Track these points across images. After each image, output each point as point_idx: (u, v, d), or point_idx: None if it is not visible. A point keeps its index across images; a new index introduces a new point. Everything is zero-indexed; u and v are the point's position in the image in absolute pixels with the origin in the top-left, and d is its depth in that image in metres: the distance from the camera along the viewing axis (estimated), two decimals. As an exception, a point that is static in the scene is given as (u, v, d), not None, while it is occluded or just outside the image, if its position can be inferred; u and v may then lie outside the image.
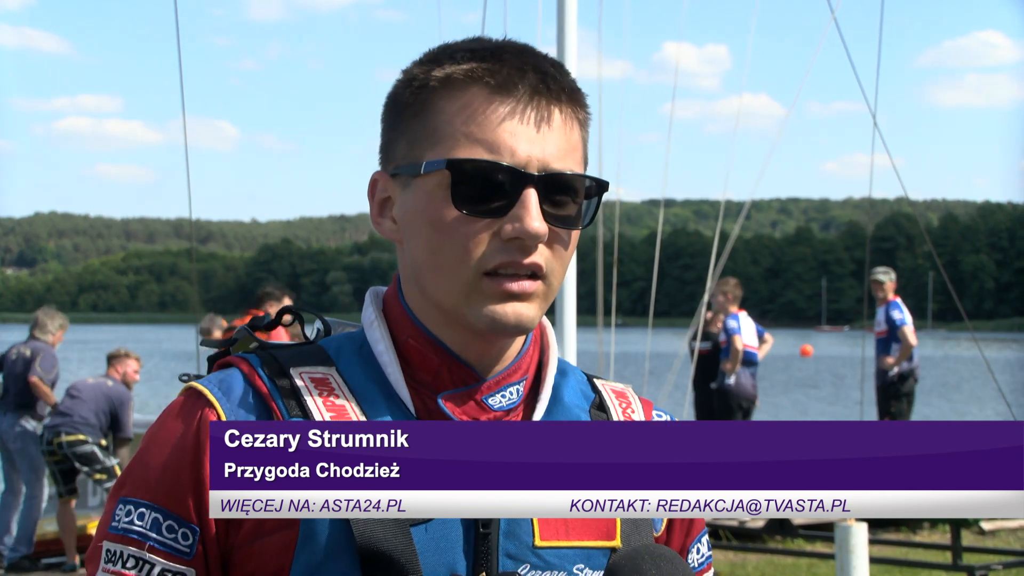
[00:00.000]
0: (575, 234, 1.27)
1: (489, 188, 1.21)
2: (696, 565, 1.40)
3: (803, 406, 27.94)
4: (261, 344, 1.35)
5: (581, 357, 7.36)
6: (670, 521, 1.37)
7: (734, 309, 11.14)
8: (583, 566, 1.26)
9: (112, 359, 9.74)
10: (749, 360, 11.00)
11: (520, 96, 1.23)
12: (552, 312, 6.89)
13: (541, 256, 1.23)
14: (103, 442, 9.19)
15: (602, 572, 1.25)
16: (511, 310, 1.23)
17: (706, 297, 10.25)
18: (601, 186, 1.27)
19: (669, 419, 1.40)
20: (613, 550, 1.27)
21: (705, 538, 1.42)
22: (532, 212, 1.21)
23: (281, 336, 7.74)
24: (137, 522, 1.23)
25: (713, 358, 11.42)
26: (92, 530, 9.29)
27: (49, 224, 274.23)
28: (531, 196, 1.21)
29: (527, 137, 1.22)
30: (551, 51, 6.44)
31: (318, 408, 1.23)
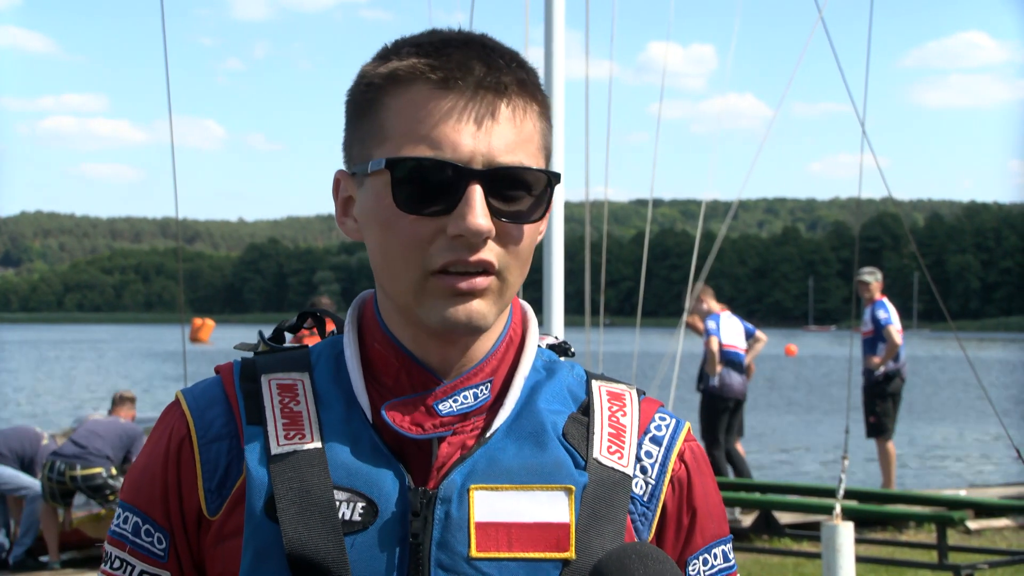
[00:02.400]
0: (531, 228, 1.22)
1: (432, 186, 1.18)
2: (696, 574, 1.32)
3: (790, 406, 27.99)
4: (272, 348, 1.35)
5: (568, 357, 7.32)
6: (660, 530, 1.30)
7: (717, 309, 11.09)
8: None
9: (117, 403, 9.99)
10: (732, 359, 10.97)
11: (463, 90, 1.19)
12: (539, 312, 6.90)
13: (491, 252, 1.19)
14: (114, 471, 9.39)
15: None
16: (462, 309, 1.19)
17: (689, 298, 10.25)
18: (551, 177, 1.23)
19: (674, 422, 1.34)
20: (566, 562, 1.20)
21: (718, 549, 1.34)
22: (476, 209, 1.17)
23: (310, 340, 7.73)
24: (123, 525, 1.27)
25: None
26: (79, 525, 9.39)
27: (35, 223, 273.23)
28: (475, 192, 1.17)
29: (470, 132, 1.18)
30: (539, 51, 6.44)
31: (274, 415, 1.24)
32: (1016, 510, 10.02)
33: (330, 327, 1.40)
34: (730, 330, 11.03)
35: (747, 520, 9.86)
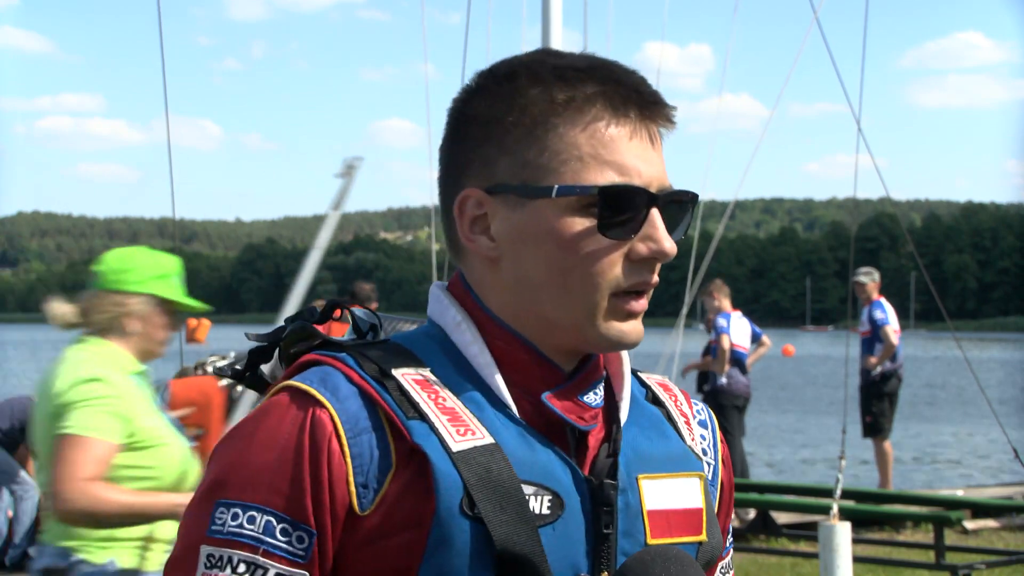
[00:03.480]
0: None
1: (625, 210, 1.24)
2: (727, 545, 1.44)
3: (787, 406, 28.00)
4: (325, 340, 1.31)
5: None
6: (719, 506, 1.40)
7: (728, 308, 11.07)
8: None
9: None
10: (738, 359, 10.95)
11: (634, 118, 1.27)
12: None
13: (657, 274, 1.28)
14: None
15: None
16: (632, 328, 1.26)
17: (689, 298, 10.22)
18: (695, 199, 1.31)
19: (704, 407, 1.44)
20: (700, 544, 1.30)
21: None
22: (663, 233, 1.25)
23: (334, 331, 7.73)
24: (248, 526, 1.18)
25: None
26: None
27: (32, 223, 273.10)
28: (659, 217, 1.26)
29: (646, 158, 1.26)
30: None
31: (432, 411, 1.22)
32: (1013, 510, 10.03)
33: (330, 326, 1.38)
34: (739, 330, 11.01)
35: (744, 520, 9.85)
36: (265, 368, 1.38)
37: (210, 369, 9.42)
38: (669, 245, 1.25)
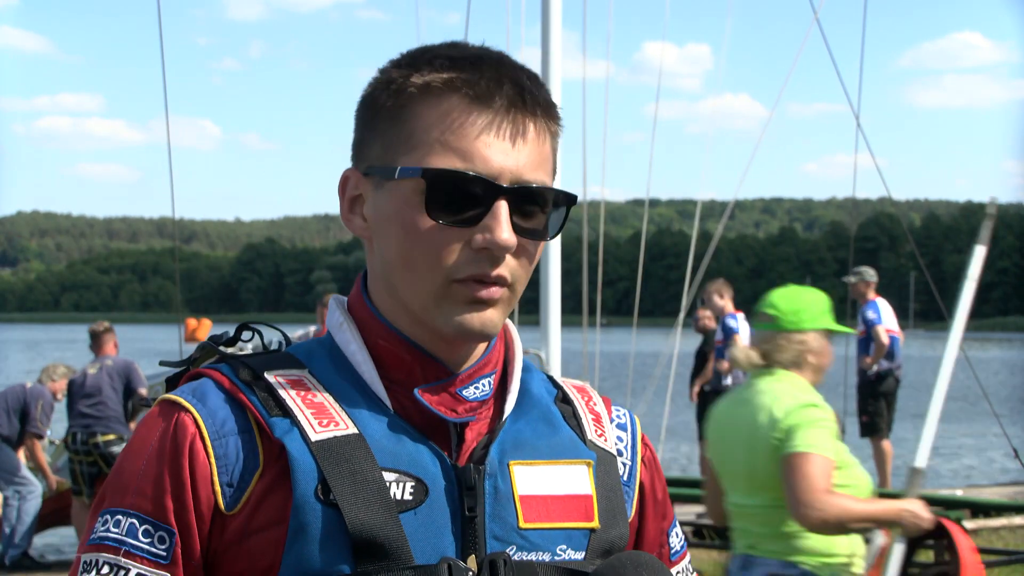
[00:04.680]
0: (541, 245, 1.30)
1: (462, 198, 1.23)
2: (678, 549, 1.45)
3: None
4: (221, 355, 1.35)
5: (566, 356, 7.35)
6: (641, 505, 1.41)
7: (731, 309, 11.07)
8: (565, 546, 1.28)
9: (97, 339, 9.87)
10: None
11: (497, 108, 1.25)
12: (537, 312, 6.90)
13: (507, 267, 1.26)
14: None
15: (583, 552, 1.29)
16: (477, 317, 1.26)
17: (687, 298, 10.23)
18: (569, 199, 1.30)
19: (627, 411, 1.45)
20: (592, 531, 1.30)
21: (678, 524, 1.48)
22: (503, 224, 1.23)
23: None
24: (113, 530, 1.23)
25: (703, 358, 11.40)
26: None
27: (31, 223, 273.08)
28: (502, 208, 1.24)
29: (502, 149, 1.25)
30: (535, 51, 6.46)
31: (298, 406, 1.25)
32: (1013, 510, 10.03)
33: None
34: (745, 332, 11.02)
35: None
36: None
37: None
38: (505, 236, 1.23)
